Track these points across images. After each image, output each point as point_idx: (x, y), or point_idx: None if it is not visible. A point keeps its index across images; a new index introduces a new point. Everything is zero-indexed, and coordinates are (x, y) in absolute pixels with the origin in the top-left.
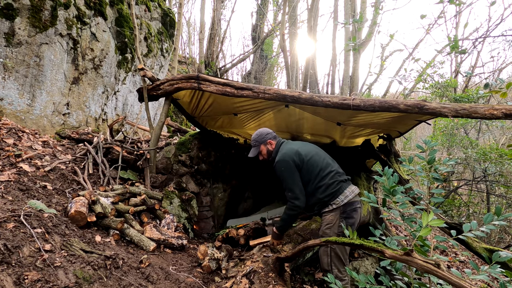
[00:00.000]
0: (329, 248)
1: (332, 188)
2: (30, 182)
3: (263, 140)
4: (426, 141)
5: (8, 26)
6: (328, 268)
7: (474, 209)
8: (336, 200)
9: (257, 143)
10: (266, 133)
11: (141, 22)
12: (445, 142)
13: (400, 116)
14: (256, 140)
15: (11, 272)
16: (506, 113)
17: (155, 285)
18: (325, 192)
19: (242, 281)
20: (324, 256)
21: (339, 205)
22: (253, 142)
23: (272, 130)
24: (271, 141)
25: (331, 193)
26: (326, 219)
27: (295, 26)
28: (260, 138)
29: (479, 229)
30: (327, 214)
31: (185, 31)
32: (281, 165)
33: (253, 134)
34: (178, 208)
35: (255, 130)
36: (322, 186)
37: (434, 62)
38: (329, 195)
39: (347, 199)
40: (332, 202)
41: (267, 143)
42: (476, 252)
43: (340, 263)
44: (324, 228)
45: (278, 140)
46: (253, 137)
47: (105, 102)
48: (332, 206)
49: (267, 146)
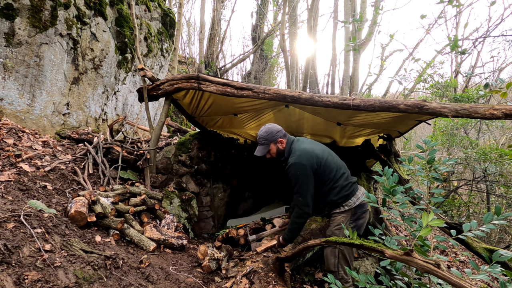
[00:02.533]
0: (337, 250)
1: (345, 190)
2: (30, 182)
3: (274, 139)
4: (426, 141)
5: (8, 26)
6: (335, 269)
7: (474, 209)
8: (348, 202)
9: (267, 141)
10: (277, 130)
11: (141, 22)
12: (445, 142)
13: (400, 116)
14: (266, 138)
15: (11, 272)
16: (506, 113)
17: (155, 285)
18: (339, 194)
19: (242, 281)
20: (332, 257)
21: (351, 207)
22: (262, 140)
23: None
24: (282, 140)
25: (344, 195)
26: (336, 219)
27: (295, 26)
28: (270, 136)
29: (479, 228)
30: (338, 215)
31: (185, 31)
32: (296, 169)
33: (261, 131)
34: (178, 208)
35: (255, 130)
36: (336, 188)
37: (434, 62)
38: (342, 197)
39: (359, 201)
40: (345, 204)
41: (277, 142)
42: (476, 252)
43: (346, 265)
44: (334, 229)
45: (289, 138)
46: (261, 134)
47: (105, 102)
48: (344, 208)
49: (278, 145)
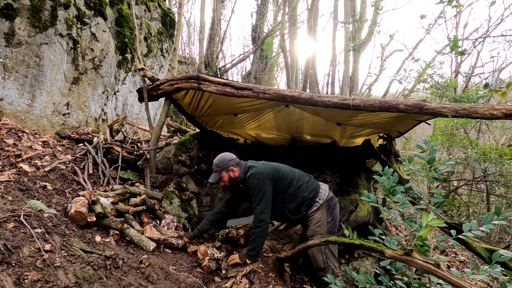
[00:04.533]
0: (323, 246)
1: (311, 184)
2: (30, 182)
3: (225, 167)
4: (426, 141)
5: (8, 26)
6: (325, 265)
7: (474, 209)
8: (319, 195)
9: (219, 168)
10: (229, 159)
11: (141, 22)
12: (445, 142)
13: (400, 116)
14: (218, 165)
15: (11, 272)
16: (506, 113)
17: (155, 285)
18: (308, 189)
19: (242, 281)
20: (319, 255)
21: (324, 200)
22: (215, 167)
23: (272, 130)
24: (233, 168)
25: (312, 188)
26: (314, 218)
27: (295, 26)
28: (222, 164)
29: (479, 228)
30: (315, 213)
31: (185, 31)
32: (255, 177)
33: (215, 159)
34: (178, 208)
35: (255, 131)
36: (302, 185)
37: (434, 62)
38: (311, 191)
39: (327, 192)
40: (317, 199)
41: (229, 170)
42: (476, 252)
43: (334, 259)
44: (314, 227)
45: (241, 164)
46: (215, 162)
47: (105, 102)
48: (319, 203)
49: (229, 173)
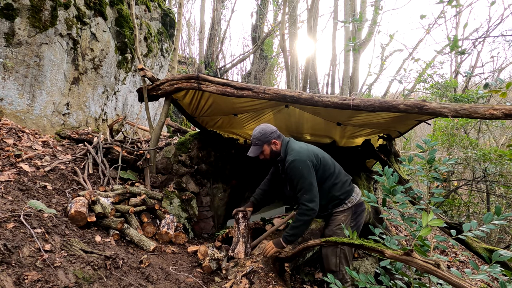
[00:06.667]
0: (339, 249)
1: (346, 185)
2: (30, 182)
3: (267, 140)
4: (426, 141)
5: (8, 26)
6: (336, 269)
7: (474, 209)
8: (350, 198)
9: (260, 142)
10: (271, 131)
11: (141, 22)
12: (445, 142)
13: (400, 116)
14: (259, 138)
15: (11, 272)
16: (506, 113)
17: (155, 285)
18: (341, 189)
19: (242, 281)
20: (333, 257)
21: (352, 203)
22: (255, 141)
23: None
24: (276, 141)
25: (346, 191)
26: (337, 219)
27: (295, 26)
28: (263, 137)
29: (479, 228)
30: (339, 214)
31: (185, 31)
32: (298, 164)
33: (255, 131)
34: (178, 208)
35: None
36: (338, 183)
37: (434, 62)
38: (344, 193)
39: (358, 197)
40: (347, 201)
41: (271, 143)
42: (476, 252)
43: (347, 264)
44: (335, 228)
45: (284, 139)
46: (255, 134)
47: (105, 102)
48: (347, 205)
49: (271, 146)
